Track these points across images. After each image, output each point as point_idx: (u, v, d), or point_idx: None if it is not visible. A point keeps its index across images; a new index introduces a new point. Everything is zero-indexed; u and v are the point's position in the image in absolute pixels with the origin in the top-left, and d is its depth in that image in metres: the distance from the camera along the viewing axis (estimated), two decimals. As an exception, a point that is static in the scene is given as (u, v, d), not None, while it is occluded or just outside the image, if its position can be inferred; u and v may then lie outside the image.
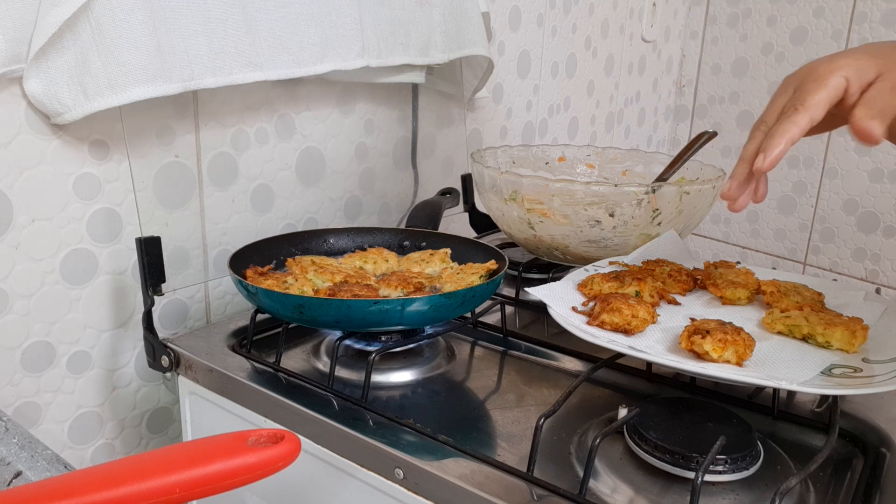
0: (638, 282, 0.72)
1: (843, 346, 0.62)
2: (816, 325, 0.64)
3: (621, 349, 0.60)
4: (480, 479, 0.53)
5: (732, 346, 0.58)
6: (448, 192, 1.06)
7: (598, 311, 0.66)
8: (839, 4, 1.58)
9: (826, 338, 0.63)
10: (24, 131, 0.68)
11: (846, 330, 0.62)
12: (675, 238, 0.85)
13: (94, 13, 0.65)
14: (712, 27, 1.78)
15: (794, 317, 0.66)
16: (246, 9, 0.76)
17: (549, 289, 0.72)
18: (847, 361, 0.60)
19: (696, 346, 0.59)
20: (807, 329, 0.64)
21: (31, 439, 0.55)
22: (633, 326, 0.64)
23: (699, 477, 0.48)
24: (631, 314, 0.64)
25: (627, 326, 0.64)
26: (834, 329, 0.63)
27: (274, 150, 0.90)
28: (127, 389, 0.82)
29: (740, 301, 0.74)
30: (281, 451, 0.43)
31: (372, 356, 0.65)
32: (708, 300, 0.75)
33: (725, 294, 0.74)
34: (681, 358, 0.59)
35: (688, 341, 0.60)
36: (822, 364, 0.59)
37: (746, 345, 0.59)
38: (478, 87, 1.11)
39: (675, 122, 1.89)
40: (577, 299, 0.72)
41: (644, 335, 0.65)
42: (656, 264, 0.79)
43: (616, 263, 0.80)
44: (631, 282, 0.72)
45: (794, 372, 0.58)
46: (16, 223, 0.69)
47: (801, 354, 0.62)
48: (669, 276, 0.76)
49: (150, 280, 0.73)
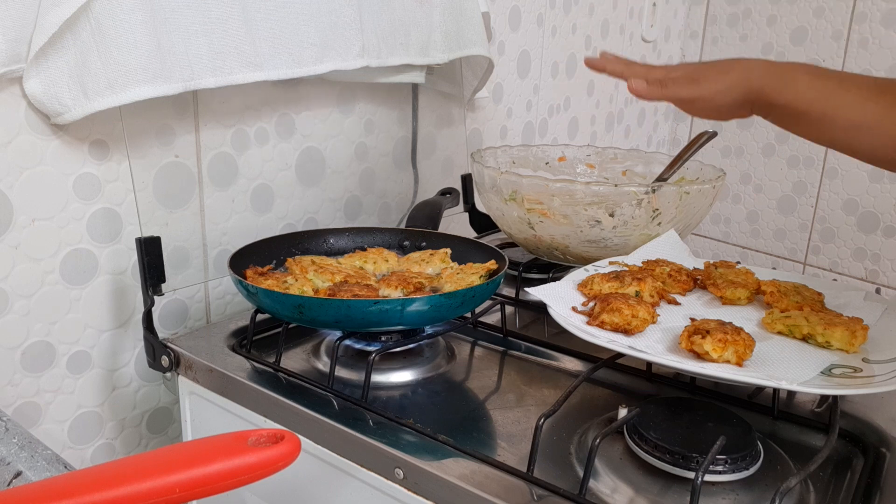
0: (638, 282, 0.72)
1: (843, 347, 0.62)
2: (816, 325, 0.64)
3: (621, 349, 0.60)
4: (480, 479, 0.53)
5: (732, 346, 0.58)
6: (448, 192, 1.06)
7: (597, 311, 0.66)
8: (839, 4, 1.58)
9: (826, 338, 0.63)
10: (24, 131, 0.68)
11: (846, 330, 0.62)
12: (675, 238, 0.85)
13: (94, 13, 0.65)
14: (712, 27, 1.78)
15: (793, 317, 0.66)
16: (246, 9, 0.76)
17: (548, 289, 0.72)
18: (847, 361, 0.60)
19: (696, 346, 0.59)
20: (807, 329, 0.64)
21: (31, 439, 0.55)
22: (633, 326, 0.64)
23: (699, 477, 0.48)
24: (631, 314, 0.64)
25: (627, 326, 0.64)
26: (834, 329, 0.63)
27: (274, 150, 0.91)
28: (127, 389, 0.82)
29: (740, 301, 0.74)
30: (281, 451, 0.43)
31: (372, 356, 0.65)
32: (708, 300, 0.75)
33: (725, 294, 0.74)
34: (681, 358, 0.59)
35: (688, 341, 0.60)
36: (822, 364, 0.59)
37: (746, 345, 0.59)
38: (478, 87, 1.11)
39: (675, 122, 1.89)
40: (577, 299, 0.72)
41: (644, 335, 0.64)
42: (656, 264, 0.79)
43: (616, 263, 0.80)
44: (631, 282, 0.71)
45: (794, 372, 0.58)
46: (16, 223, 0.69)
47: (800, 354, 0.62)
48: (669, 276, 0.76)
49: (150, 280, 0.73)
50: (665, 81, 0.74)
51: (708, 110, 0.74)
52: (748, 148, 1.77)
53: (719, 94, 0.72)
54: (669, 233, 0.85)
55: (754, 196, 1.77)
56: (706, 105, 0.73)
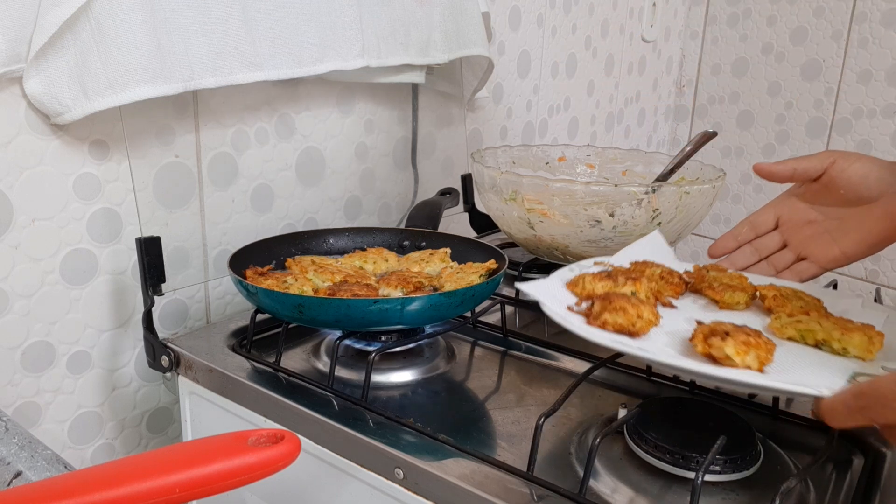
0: (633, 282, 0.67)
1: (860, 354, 0.58)
2: (833, 331, 0.59)
3: (631, 350, 0.55)
4: (480, 479, 0.53)
5: (755, 349, 0.54)
6: (448, 192, 1.06)
7: (598, 311, 0.61)
8: (839, 4, 1.58)
9: (843, 343, 0.59)
10: (24, 131, 0.68)
11: (864, 336, 0.58)
12: (660, 239, 0.81)
13: (94, 13, 0.65)
14: (712, 27, 1.78)
15: (805, 321, 0.62)
16: (246, 9, 0.76)
17: (540, 286, 0.66)
18: (866, 369, 0.57)
19: (714, 350, 0.54)
20: (822, 334, 0.60)
21: (31, 439, 0.55)
22: (638, 328, 0.59)
23: (699, 477, 0.48)
24: (636, 314, 0.59)
25: (632, 328, 0.59)
26: (852, 335, 0.59)
27: (274, 150, 0.91)
28: (127, 389, 0.82)
29: (738, 306, 0.70)
30: (281, 451, 0.43)
31: (372, 356, 0.65)
32: (704, 304, 0.71)
33: (723, 298, 0.70)
34: (700, 363, 0.54)
35: (704, 344, 0.55)
36: (845, 371, 0.56)
37: (768, 349, 0.55)
38: (478, 87, 1.11)
39: (675, 122, 1.89)
40: (569, 298, 0.67)
41: (649, 338, 0.60)
42: (645, 266, 0.74)
43: (601, 264, 0.74)
44: (625, 282, 0.67)
45: (821, 379, 0.54)
46: (16, 223, 0.69)
47: (820, 360, 0.58)
48: (661, 277, 0.72)
49: (150, 280, 0.73)
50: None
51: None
52: (748, 148, 1.77)
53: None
54: (654, 234, 0.81)
55: (754, 196, 1.77)
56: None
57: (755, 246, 0.81)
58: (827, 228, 0.78)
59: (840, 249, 0.77)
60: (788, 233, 0.80)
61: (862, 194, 0.74)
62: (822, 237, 0.78)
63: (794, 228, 0.80)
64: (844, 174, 0.74)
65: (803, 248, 0.79)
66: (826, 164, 0.74)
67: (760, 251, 0.81)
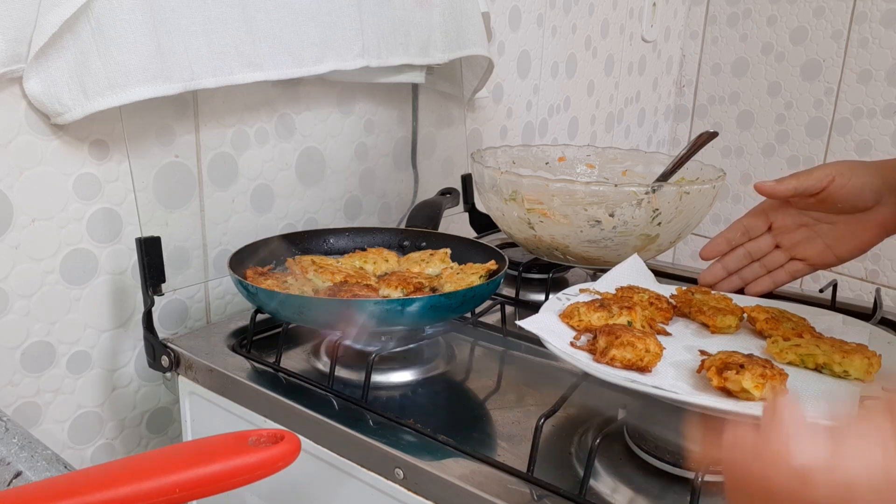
0: (627, 311, 0.66)
1: (860, 376, 0.58)
2: (833, 354, 0.59)
3: (645, 389, 0.55)
4: (480, 480, 0.53)
5: (770, 380, 0.53)
6: (448, 192, 1.06)
7: (604, 346, 0.59)
8: (839, 4, 1.58)
9: (844, 367, 0.59)
10: (24, 131, 0.68)
11: (863, 358, 0.58)
12: (640, 264, 0.81)
13: (94, 13, 0.65)
14: (712, 27, 1.78)
15: (804, 345, 0.61)
16: (246, 9, 0.76)
17: (537, 322, 0.65)
18: (869, 392, 0.57)
19: (731, 384, 0.53)
20: (822, 358, 0.60)
21: (31, 439, 0.55)
22: (647, 363, 0.58)
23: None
24: (644, 348, 0.58)
25: (640, 363, 0.58)
26: (852, 357, 0.59)
27: (274, 150, 0.91)
28: (127, 389, 0.82)
29: (730, 329, 0.69)
30: (281, 451, 0.43)
31: (372, 356, 0.65)
32: (696, 329, 0.71)
33: (715, 322, 0.69)
34: (717, 397, 0.54)
35: (719, 378, 0.54)
36: (852, 396, 0.55)
37: (781, 379, 0.54)
38: (478, 87, 1.11)
39: (675, 122, 1.89)
40: (568, 331, 0.66)
41: (658, 371, 0.59)
42: (632, 291, 0.74)
43: (587, 291, 0.73)
44: (619, 311, 0.66)
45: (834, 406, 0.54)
46: (16, 223, 0.69)
47: (826, 386, 0.58)
48: (650, 303, 0.71)
49: (150, 280, 0.73)
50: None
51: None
52: (748, 148, 1.77)
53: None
54: (633, 257, 0.81)
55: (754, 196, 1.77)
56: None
57: (748, 248, 0.82)
58: (819, 232, 0.80)
59: (834, 254, 0.80)
60: (781, 236, 0.82)
61: (857, 205, 0.77)
62: (815, 241, 0.80)
63: (786, 231, 0.81)
64: (843, 190, 0.75)
65: (796, 250, 0.81)
66: (826, 182, 0.76)
67: (753, 253, 0.83)
